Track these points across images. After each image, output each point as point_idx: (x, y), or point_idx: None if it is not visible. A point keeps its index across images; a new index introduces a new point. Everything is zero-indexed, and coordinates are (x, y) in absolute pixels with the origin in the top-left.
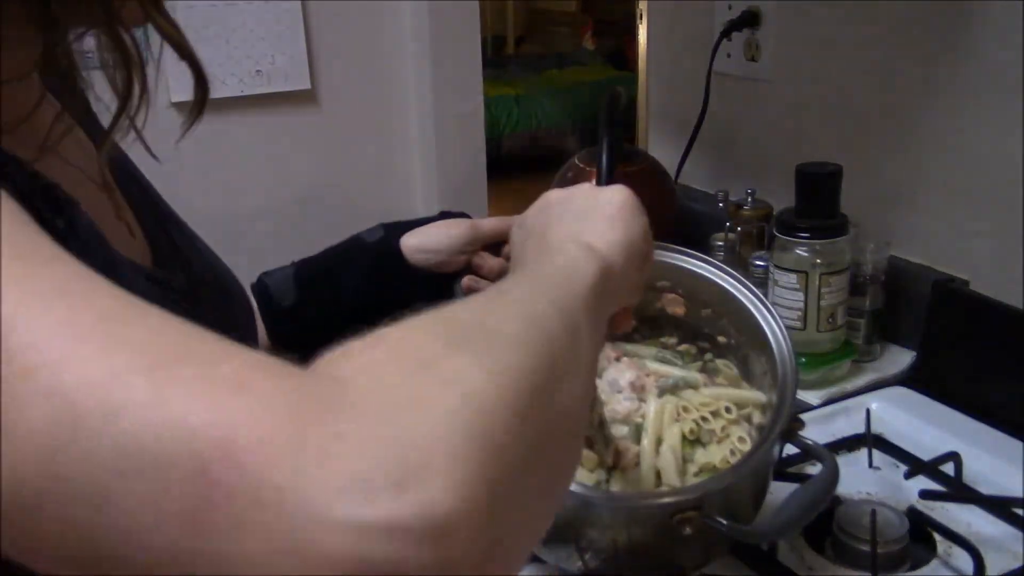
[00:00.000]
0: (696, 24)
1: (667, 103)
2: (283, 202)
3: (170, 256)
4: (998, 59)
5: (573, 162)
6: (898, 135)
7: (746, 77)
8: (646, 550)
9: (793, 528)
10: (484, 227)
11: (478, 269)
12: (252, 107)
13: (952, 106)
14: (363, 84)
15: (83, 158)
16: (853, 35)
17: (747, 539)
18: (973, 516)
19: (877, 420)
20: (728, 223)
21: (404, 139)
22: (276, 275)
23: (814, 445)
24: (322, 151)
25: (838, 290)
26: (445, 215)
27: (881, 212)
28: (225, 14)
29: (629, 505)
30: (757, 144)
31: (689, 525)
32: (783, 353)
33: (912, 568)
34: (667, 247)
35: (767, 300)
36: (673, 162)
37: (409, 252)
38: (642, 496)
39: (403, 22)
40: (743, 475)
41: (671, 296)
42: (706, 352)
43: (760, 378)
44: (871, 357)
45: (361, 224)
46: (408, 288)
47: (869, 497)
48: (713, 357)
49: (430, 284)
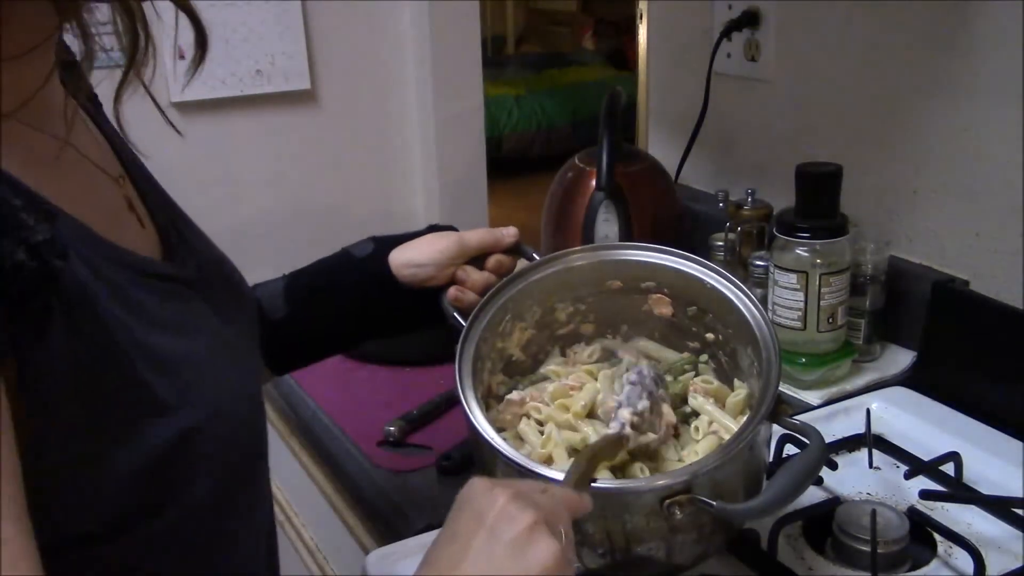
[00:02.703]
0: (696, 24)
1: (667, 103)
2: (283, 201)
3: (179, 247)
4: (998, 59)
5: (573, 162)
6: (898, 135)
7: (746, 77)
8: (641, 541)
9: (781, 503)
10: (470, 241)
11: (463, 282)
12: (252, 107)
13: (952, 106)
14: (363, 84)
15: (97, 151)
16: (853, 35)
17: (736, 517)
18: (973, 516)
19: (877, 420)
20: (728, 223)
21: (404, 139)
22: (267, 288)
23: (800, 423)
24: (322, 151)
25: (838, 290)
26: (433, 229)
27: (881, 212)
28: (225, 14)
29: (620, 490)
30: (757, 144)
31: (680, 509)
32: (766, 338)
33: (912, 568)
34: (648, 246)
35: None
36: (673, 162)
37: (397, 268)
38: (632, 482)
39: (403, 22)
40: (731, 456)
41: (656, 296)
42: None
43: (748, 371)
44: (871, 357)
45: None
46: (396, 302)
47: (869, 497)
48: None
49: (417, 298)
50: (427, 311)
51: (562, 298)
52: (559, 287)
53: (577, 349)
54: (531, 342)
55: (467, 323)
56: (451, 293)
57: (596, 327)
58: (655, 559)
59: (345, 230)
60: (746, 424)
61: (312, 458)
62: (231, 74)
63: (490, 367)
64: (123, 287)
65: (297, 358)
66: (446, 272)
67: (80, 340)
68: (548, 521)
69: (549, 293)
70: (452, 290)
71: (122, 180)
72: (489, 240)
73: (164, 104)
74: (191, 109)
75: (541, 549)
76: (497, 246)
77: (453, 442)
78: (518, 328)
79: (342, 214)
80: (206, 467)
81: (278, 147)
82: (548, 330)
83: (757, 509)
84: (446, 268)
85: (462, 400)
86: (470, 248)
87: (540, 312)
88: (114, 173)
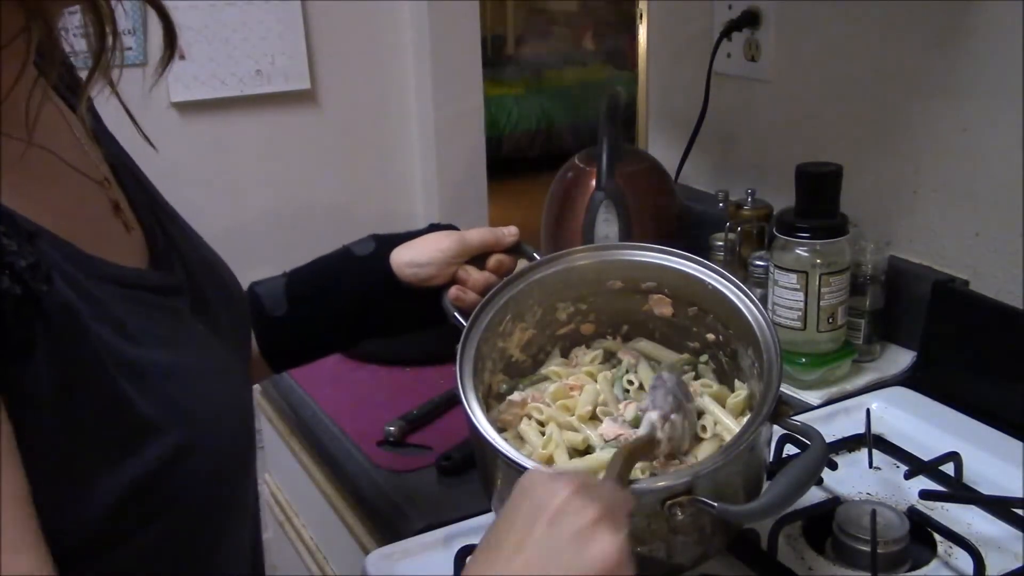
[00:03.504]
0: (696, 24)
1: (667, 103)
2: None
3: (167, 251)
4: (998, 59)
5: (573, 162)
6: (898, 135)
7: (746, 77)
8: (642, 542)
9: (781, 505)
10: (471, 240)
11: (463, 282)
12: (252, 107)
13: (952, 106)
14: (363, 84)
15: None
16: (853, 35)
17: (736, 518)
18: (973, 516)
19: (877, 420)
20: (728, 223)
21: (404, 139)
22: (268, 285)
23: (801, 424)
24: (322, 151)
25: (838, 290)
26: (434, 228)
27: (881, 212)
28: (225, 14)
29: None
30: (757, 144)
31: (681, 510)
32: (767, 340)
33: (912, 568)
34: (649, 247)
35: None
36: (673, 162)
37: (399, 267)
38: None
39: (403, 22)
40: (732, 458)
41: (657, 297)
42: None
43: (749, 371)
44: (871, 357)
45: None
46: (396, 301)
47: (869, 497)
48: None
49: (418, 297)
50: (428, 311)
51: (563, 298)
52: (560, 287)
53: (579, 353)
54: (532, 342)
55: (468, 323)
56: (452, 292)
57: (597, 327)
58: (656, 559)
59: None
60: (747, 425)
61: (312, 458)
62: (231, 74)
63: (491, 367)
64: (107, 304)
65: (297, 356)
66: (447, 271)
67: (64, 363)
68: (611, 516)
69: (550, 293)
70: (453, 290)
71: (107, 183)
72: (490, 239)
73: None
74: (191, 109)
75: (605, 543)
76: (498, 245)
77: (453, 442)
78: (519, 328)
79: (342, 214)
80: (192, 483)
81: (278, 147)
82: (549, 330)
83: (758, 511)
84: (447, 267)
85: (463, 400)
86: (471, 247)
87: (541, 312)
88: (98, 177)
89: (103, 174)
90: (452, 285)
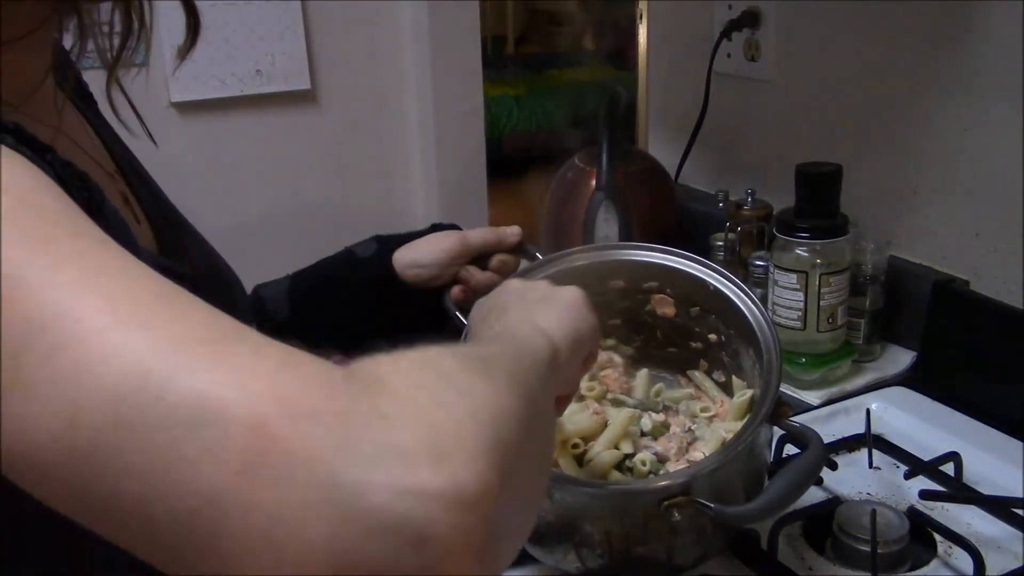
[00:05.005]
0: (696, 24)
1: (667, 103)
2: (283, 202)
3: (173, 246)
4: (998, 59)
5: (573, 162)
6: (898, 135)
7: (746, 77)
8: (640, 542)
9: (778, 507)
10: (473, 240)
11: (466, 282)
12: (252, 107)
13: (952, 106)
14: (363, 84)
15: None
16: (853, 35)
17: (734, 520)
18: (973, 516)
19: (877, 420)
20: (728, 223)
21: (404, 139)
22: (271, 288)
23: (800, 426)
24: (322, 151)
25: (838, 290)
26: (436, 228)
27: (881, 212)
28: (225, 14)
29: (619, 491)
30: (757, 144)
31: (678, 510)
32: (767, 341)
33: (912, 568)
34: (651, 247)
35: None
36: (673, 162)
37: (401, 268)
38: (632, 483)
39: (403, 22)
40: (730, 458)
41: (659, 297)
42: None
43: (750, 371)
44: (871, 357)
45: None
46: (400, 302)
47: (869, 497)
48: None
49: (420, 297)
50: (430, 311)
51: None
52: None
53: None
54: None
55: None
56: (454, 293)
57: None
58: (654, 560)
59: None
60: (746, 426)
61: None
62: (231, 74)
63: None
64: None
65: None
66: (449, 272)
67: None
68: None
69: None
70: (455, 290)
71: (116, 176)
72: (492, 239)
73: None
74: (191, 109)
75: (571, 291)
76: (500, 245)
77: None
78: None
79: (342, 214)
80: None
81: (278, 147)
82: None
83: (754, 512)
84: (449, 268)
85: None
86: (473, 247)
87: None
88: (109, 169)
89: (111, 168)
90: (454, 286)
